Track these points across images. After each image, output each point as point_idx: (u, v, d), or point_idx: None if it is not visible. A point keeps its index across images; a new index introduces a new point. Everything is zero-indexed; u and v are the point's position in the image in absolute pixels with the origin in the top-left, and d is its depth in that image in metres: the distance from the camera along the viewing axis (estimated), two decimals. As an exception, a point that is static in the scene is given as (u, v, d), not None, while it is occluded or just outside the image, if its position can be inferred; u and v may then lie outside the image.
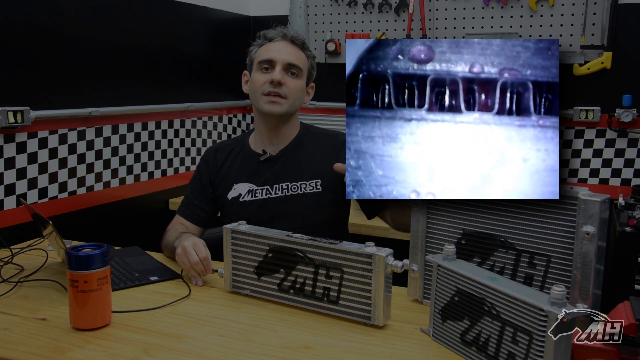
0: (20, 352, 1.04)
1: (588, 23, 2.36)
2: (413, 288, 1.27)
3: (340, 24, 2.80)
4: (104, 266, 1.12)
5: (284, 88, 1.57)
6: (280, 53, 1.58)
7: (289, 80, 1.58)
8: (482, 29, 2.54)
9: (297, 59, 1.60)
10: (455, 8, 2.57)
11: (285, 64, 1.57)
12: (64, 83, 1.97)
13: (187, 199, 1.71)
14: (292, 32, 1.62)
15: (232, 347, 1.06)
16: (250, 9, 2.98)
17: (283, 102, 1.57)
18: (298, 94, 1.61)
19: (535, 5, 2.43)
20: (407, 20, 2.62)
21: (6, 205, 1.78)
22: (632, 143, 2.37)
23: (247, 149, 1.68)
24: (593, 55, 2.36)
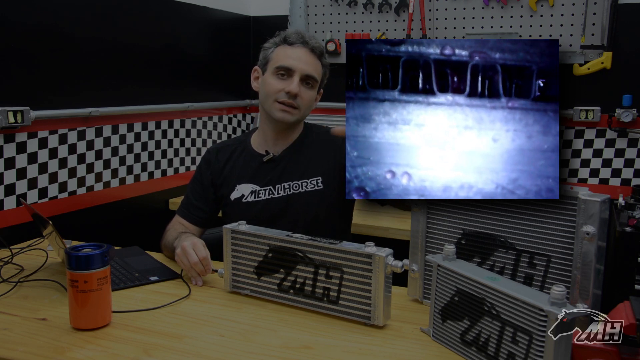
0: (20, 352, 1.04)
1: (588, 23, 2.36)
2: (413, 288, 1.27)
3: (340, 24, 2.80)
4: (104, 266, 1.12)
5: (298, 99, 1.57)
6: (299, 62, 1.57)
7: (304, 92, 1.58)
8: (482, 29, 2.54)
9: (315, 70, 1.60)
10: (455, 8, 2.57)
11: (303, 75, 1.57)
12: (64, 83, 1.97)
13: (187, 199, 1.70)
14: (313, 41, 1.61)
15: (232, 347, 1.06)
16: (250, 9, 2.98)
17: (295, 112, 1.58)
18: (310, 104, 1.62)
19: (535, 5, 2.43)
20: (407, 20, 2.62)
21: (6, 205, 1.78)
22: (632, 143, 2.37)
23: (249, 149, 1.68)
24: (593, 55, 2.36)
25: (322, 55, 1.63)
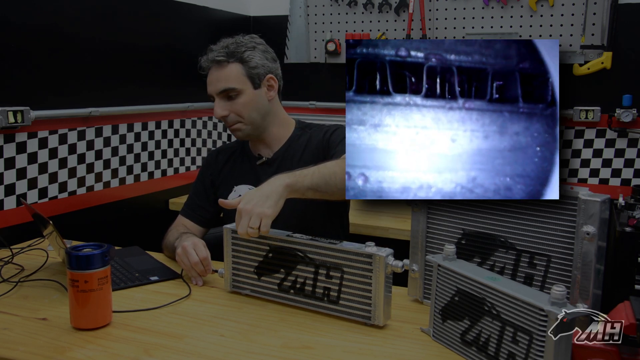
0: (20, 352, 1.04)
1: (588, 23, 2.36)
2: (413, 288, 1.27)
3: (340, 24, 2.80)
4: (104, 266, 1.12)
5: (231, 115, 1.56)
6: (211, 85, 1.56)
7: (232, 105, 1.55)
8: (482, 29, 2.54)
9: (227, 80, 1.54)
10: (455, 8, 2.57)
11: (218, 94, 1.56)
12: (64, 83, 1.97)
13: (191, 199, 1.72)
14: (216, 52, 1.56)
15: (232, 347, 1.06)
16: (250, 9, 2.98)
17: (240, 126, 1.58)
18: (250, 108, 1.56)
19: (535, 5, 2.43)
20: (407, 20, 2.62)
21: (6, 205, 1.78)
22: (632, 143, 2.37)
23: (247, 151, 1.70)
24: (593, 55, 2.36)
25: (232, 56, 1.55)
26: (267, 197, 1.23)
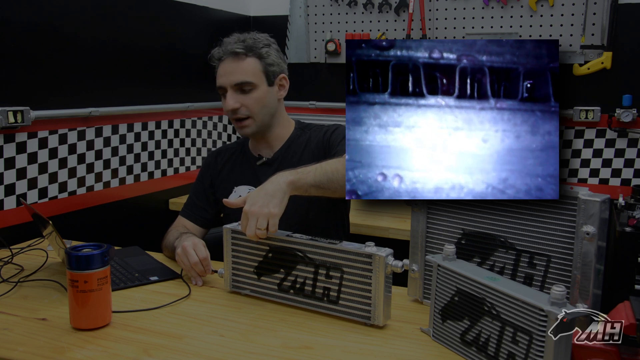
0: (20, 352, 1.04)
1: (588, 23, 2.36)
2: (413, 288, 1.27)
3: (340, 24, 2.80)
4: (104, 266, 1.12)
5: (242, 109, 1.55)
6: (225, 77, 1.54)
7: (245, 98, 1.54)
8: (482, 29, 2.54)
9: (244, 73, 1.53)
10: (455, 8, 2.57)
11: (233, 86, 1.54)
12: (64, 83, 1.97)
13: (191, 200, 1.72)
14: (233, 44, 1.54)
15: (232, 347, 1.06)
16: (250, 9, 2.98)
17: (249, 122, 1.57)
18: (262, 104, 1.56)
19: (535, 5, 2.43)
20: (407, 20, 2.62)
21: (6, 205, 1.78)
22: (632, 143, 2.37)
23: (247, 152, 1.70)
24: (593, 55, 2.36)
25: (250, 50, 1.54)
26: (271, 196, 1.23)
